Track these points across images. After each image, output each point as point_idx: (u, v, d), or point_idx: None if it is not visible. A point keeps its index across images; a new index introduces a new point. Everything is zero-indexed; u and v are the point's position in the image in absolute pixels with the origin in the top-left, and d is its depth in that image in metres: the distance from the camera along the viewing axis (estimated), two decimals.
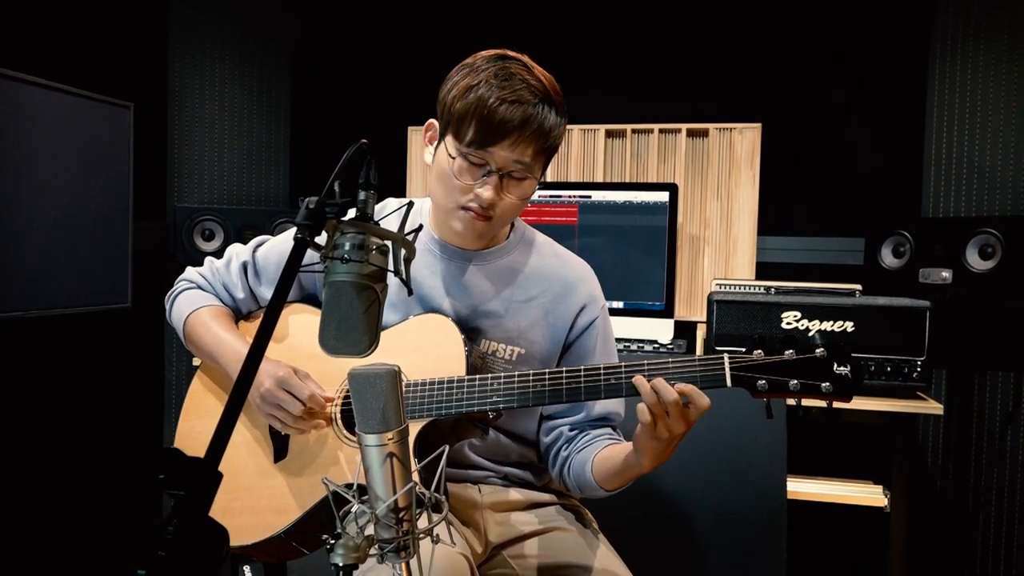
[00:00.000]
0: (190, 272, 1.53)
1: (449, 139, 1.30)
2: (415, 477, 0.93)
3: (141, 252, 2.65)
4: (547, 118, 1.28)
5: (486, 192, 1.28)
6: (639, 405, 1.19)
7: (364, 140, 0.90)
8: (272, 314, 0.76)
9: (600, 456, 1.34)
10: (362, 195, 0.88)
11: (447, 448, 0.96)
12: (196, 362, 2.76)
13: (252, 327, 1.49)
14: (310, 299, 1.49)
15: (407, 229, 0.93)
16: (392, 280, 0.91)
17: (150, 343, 2.92)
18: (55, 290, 2.31)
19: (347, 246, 0.85)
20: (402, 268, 0.88)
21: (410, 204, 0.97)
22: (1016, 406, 2.41)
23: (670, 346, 2.44)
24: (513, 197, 1.32)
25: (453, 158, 1.29)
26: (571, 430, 1.43)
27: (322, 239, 0.89)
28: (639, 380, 1.19)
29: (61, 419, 2.57)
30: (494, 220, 1.33)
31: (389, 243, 0.87)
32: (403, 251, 0.88)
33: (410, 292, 0.90)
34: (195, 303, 1.47)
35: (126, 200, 2.56)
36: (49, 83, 2.26)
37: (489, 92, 1.24)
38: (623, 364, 1.24)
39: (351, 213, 0.90)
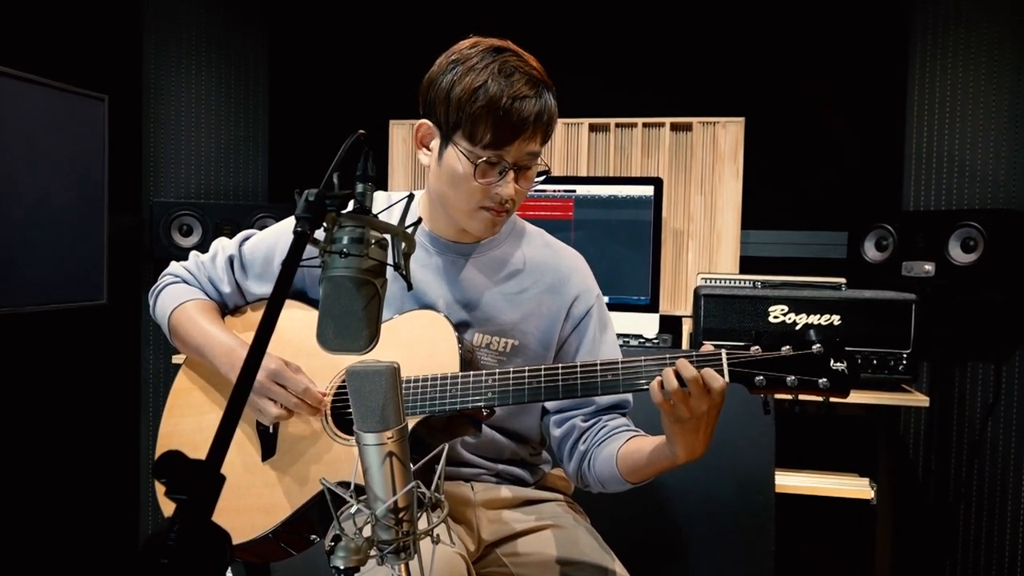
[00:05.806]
0: (174, 266, 1.49)
1: (463, 142, 1.26)
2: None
3: (117, 247, 2.59)
4: (549, 104, 1.28)
5: (507, 190, 1.28)
6: (652, 384, 1.16)
7: (362, 131, 0.87)
8: (273, 311, 0.73)
9: (625, 450, 1.31)
10: (360, 187, 0.86)
11: (447, 447, 0.93)
12: (176, 359, 2.71)
13: (238, 322, 1.46)
14: (295, 294, 1.45)
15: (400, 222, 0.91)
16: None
17: (126, 340, 2.87)
18: (28, 287, 2.25)
19: (345, 240, 0.82)
20: (402, 262, 0.85)
21: (410, 197, 0.94)
22: (996, 398, 2.44)
23: (656, 340, 2.43)
24: (526, 186, 1.32)
25: (471, 162, 1.25)
26: (584, 420, 1.40)
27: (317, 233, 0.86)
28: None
29: (37, 418, 2.51)
30: (511, 211, 1.33)
31: (389, 237, 0.85)
32: (403, 245, 0.85)
33: (410, 287, 0.88)
34: (180, 297, 1.43)
35: (101, 194, 2.49)
36: (21, 74, 2.19)
37: (499, 91, 1.22)
38: (620, 361, 1.22)
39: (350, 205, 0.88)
